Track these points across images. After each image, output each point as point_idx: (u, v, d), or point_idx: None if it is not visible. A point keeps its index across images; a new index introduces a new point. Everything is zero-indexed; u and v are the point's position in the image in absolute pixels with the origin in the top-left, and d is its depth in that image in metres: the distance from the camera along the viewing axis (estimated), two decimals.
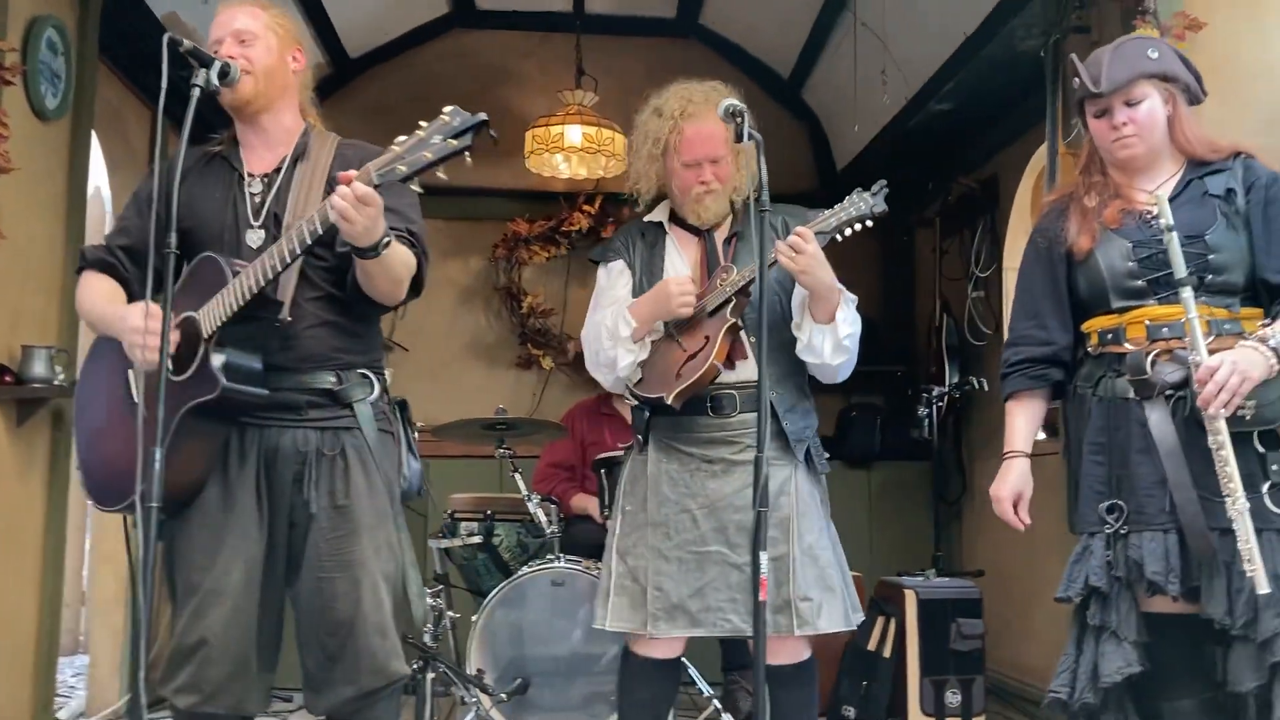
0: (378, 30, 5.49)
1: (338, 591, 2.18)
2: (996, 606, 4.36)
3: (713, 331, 2.47)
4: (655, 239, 2.68)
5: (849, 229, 2.44)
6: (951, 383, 4.87)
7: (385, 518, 2.24)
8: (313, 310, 2.23)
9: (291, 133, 2.33)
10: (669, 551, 2.52)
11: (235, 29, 2.27)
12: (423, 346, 5.64)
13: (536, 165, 5.26)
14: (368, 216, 1.98)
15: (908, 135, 5.02)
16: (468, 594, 4.00)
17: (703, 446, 2.54)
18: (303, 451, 2.21)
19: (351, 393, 2.25)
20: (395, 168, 1.95)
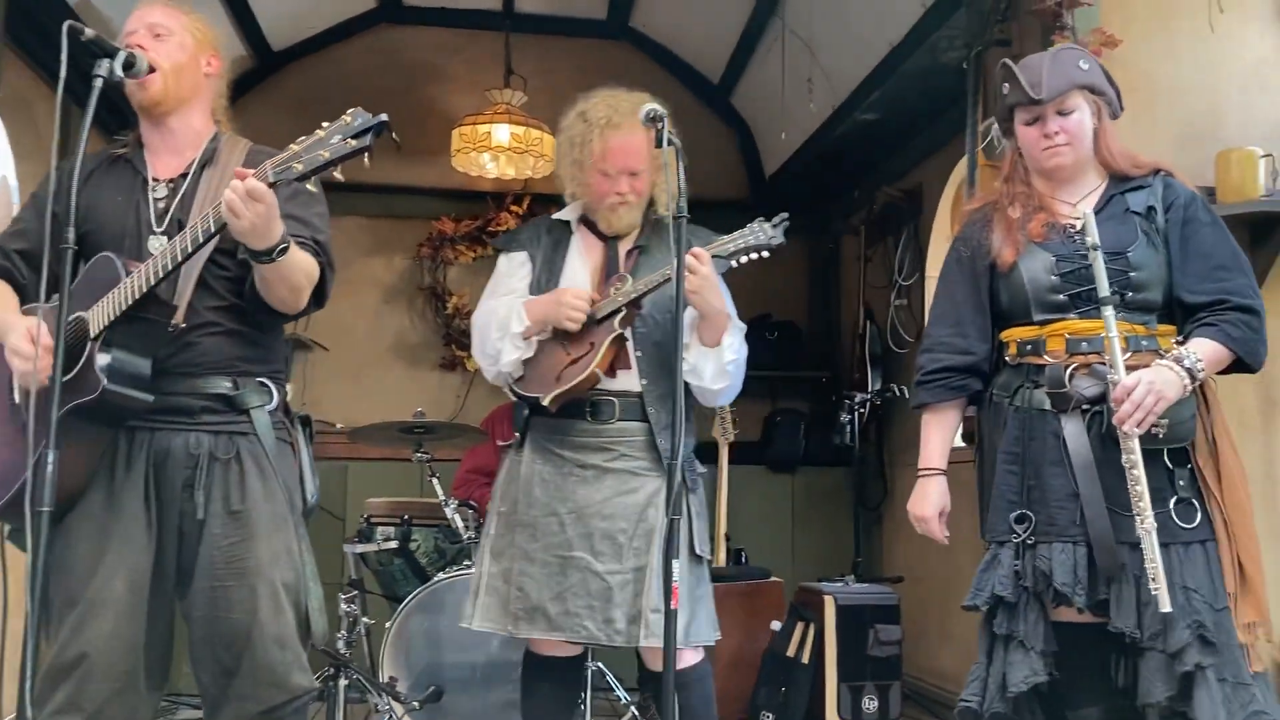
0: (302, 24, 5.39)
1: (233, 600, 2.10)
2: (914, 612, 4.41)
3: (598, 339, 2.48)
4: (561, 237, 2.67)
5: (745, 257, 2.46)
6: (874, 389, 4.92)
7: (284, 524, 2.17)
8: (211, 317, 2.16)
9: (200, 136, 2.27)
10: (534, 553, 2.51)
11: (150, 22, 2.21)
12: (344, 346, 5.55)
13: (463, 164, 5.20)
14: (256, 213, 1.93)
15: (834, 143, 5.05)
16: (384, 600, 3.93)
17: (577, 451, 2.54)
18: (194, 455, 2.13)
19: (248, 399, 2.19)
20: (291, 166, 1.91)
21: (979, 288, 2.28)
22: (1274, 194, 3.08)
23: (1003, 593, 2.12)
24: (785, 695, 3.97)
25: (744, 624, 4.09)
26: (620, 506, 2.48)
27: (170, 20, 2.23)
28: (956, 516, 2.24)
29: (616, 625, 2.44)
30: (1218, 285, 2.11)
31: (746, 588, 4.22)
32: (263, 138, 2.40)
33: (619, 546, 2.46)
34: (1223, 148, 3.13)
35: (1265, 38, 3.32)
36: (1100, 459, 2.06)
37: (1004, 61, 2.28)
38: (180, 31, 2.23)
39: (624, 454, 2.51)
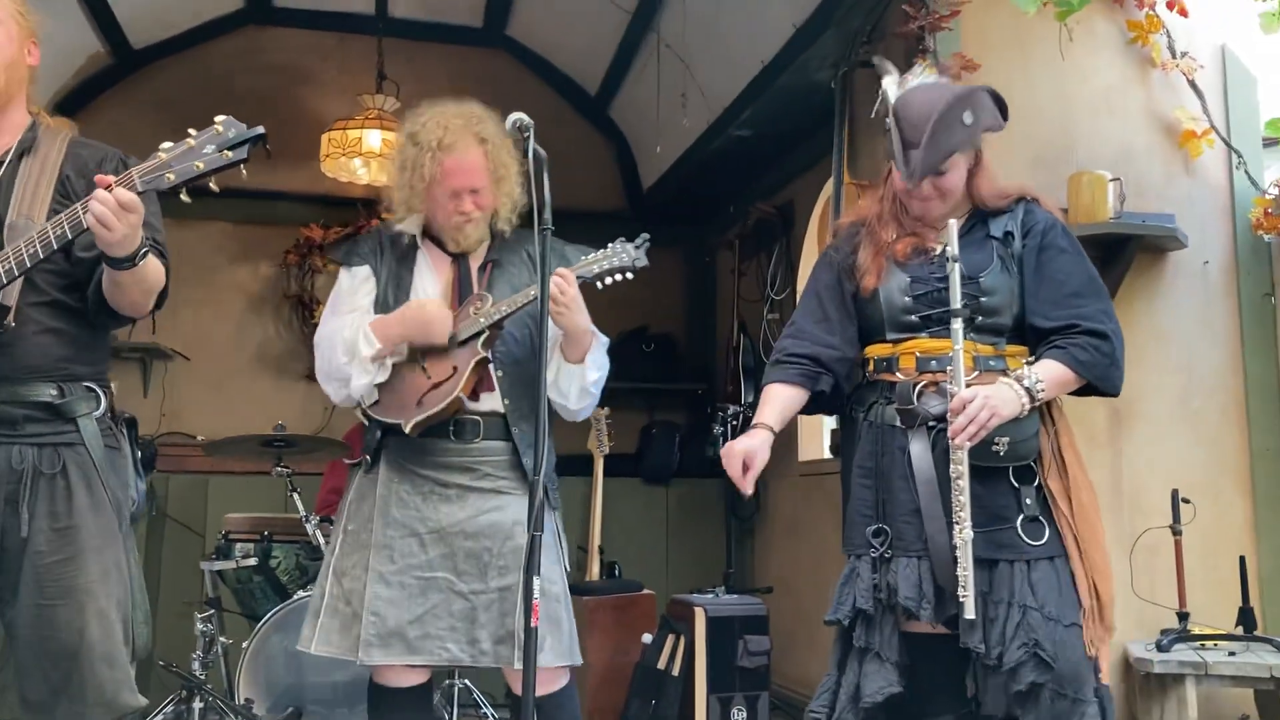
0: (164, 22, 5.20)
1: (59, 620, 2.00)
2: (784, 622, 4.46)
3: (461, 363, 2.41)
4: (406, 253, 2.57)
5: (610, 278, 2.44)
6: (746, 401, 4.96)
7: (113, 539, 2.07)
8: (36, 316, 2.04)
9: (18, 126, 2.15)
10: (390, 576, 2.41)
11: None
12: (206, 355, 5.37)
13: (333, 169, 5.09)
14: (129, 224, 1.87)
15: (710, 158, 5.10)
16: (243, 619, 3.80)
17: (440, 470, 2.46)
18: (18, 470, 2.02)
19: (75, 407, 2.07)
20: (163, 175, 1.84)
21: (845, 298, 2.30)
22: (1122, 216, 3.22)
23: (864, 605, 2.15)
24: (655, 708, 3.96)
25: (616, 637, 4.08)
26: (485, 525, 2.42)
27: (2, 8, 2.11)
28: (823, 528, 2.28)
29: (481, 646, 2.38)
30: (1070, 311, 2.16)
31: (619, 600, 4.21)
32: (122, 138, 2.29)
33: (484, 565, 2.40)
34: (1074, 171, 3.27)
35: (1114, 66, 3.48)
36: (943, 475, 2.10)
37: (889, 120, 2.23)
38: (6, 20, 2.11)
39: (488, 473, 2.45)
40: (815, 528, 4.69)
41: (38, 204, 2.03)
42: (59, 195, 2.07)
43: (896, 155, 2.19)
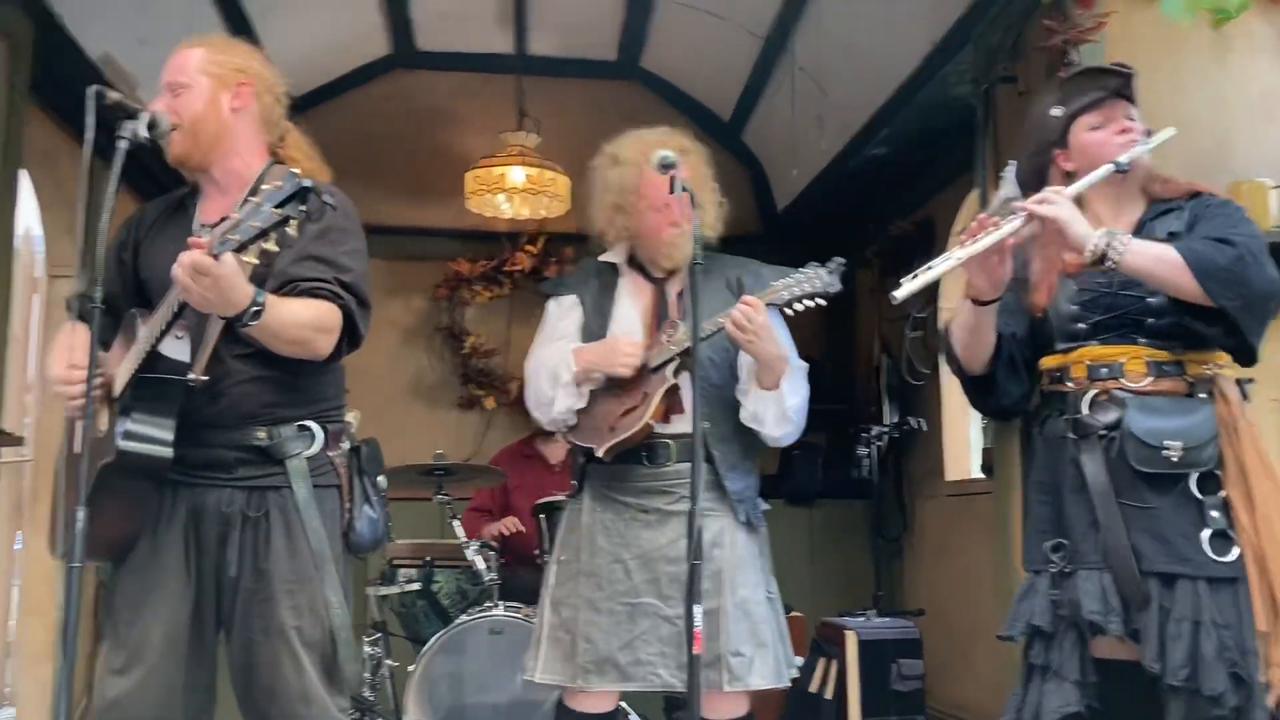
0: (318, 70, 5.47)
1: (259, 658, 2.12)
2: (936, 645, 4.40)
3: (652, 389, 2.45)
4: (609, 280, 2.64)
5: (801, 304, 2.44)
6: (891, 422, 4.93)
7: (307, 581, 2.13)
8: (240, 366, 2.13)
9: (246, 177, 2.21)
10: (600, 603, 2.48)
11: (167, 81, 2.21)
12: (364, 388, 5.50)
13: (478, 205, 5.26)
14: (205, 287, 1.89)
15: (846, 178, 5.10)
16: (407, 642, 3.94)
17: (638, 496, 2.51)
18: (225, 512, 2.13)
19: (285, 448, 2.14)
20: (229, 237, 1.86)
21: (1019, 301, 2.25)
22: None
23: (1039, 622, 2.09)
24: None
25: None
26: (685, 549, 2.45)
27: (184, 71, 2.20)
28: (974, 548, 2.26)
29: None
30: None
31: None
32: None
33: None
34: (1232, 179, 3.15)
35: (1272, 69, 3.35)
36: (1119, 485, 2.04)
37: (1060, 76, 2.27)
38: (195, 78, 2.19)
39: (685, 496, 2.45)
40: (965, 549, 4.62)
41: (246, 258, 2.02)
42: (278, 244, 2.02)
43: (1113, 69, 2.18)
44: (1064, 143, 2.23)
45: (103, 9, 3.97)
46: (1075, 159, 2.21)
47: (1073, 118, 2.21)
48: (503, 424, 5.77)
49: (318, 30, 5.07)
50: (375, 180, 5.53)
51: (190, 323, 2.05)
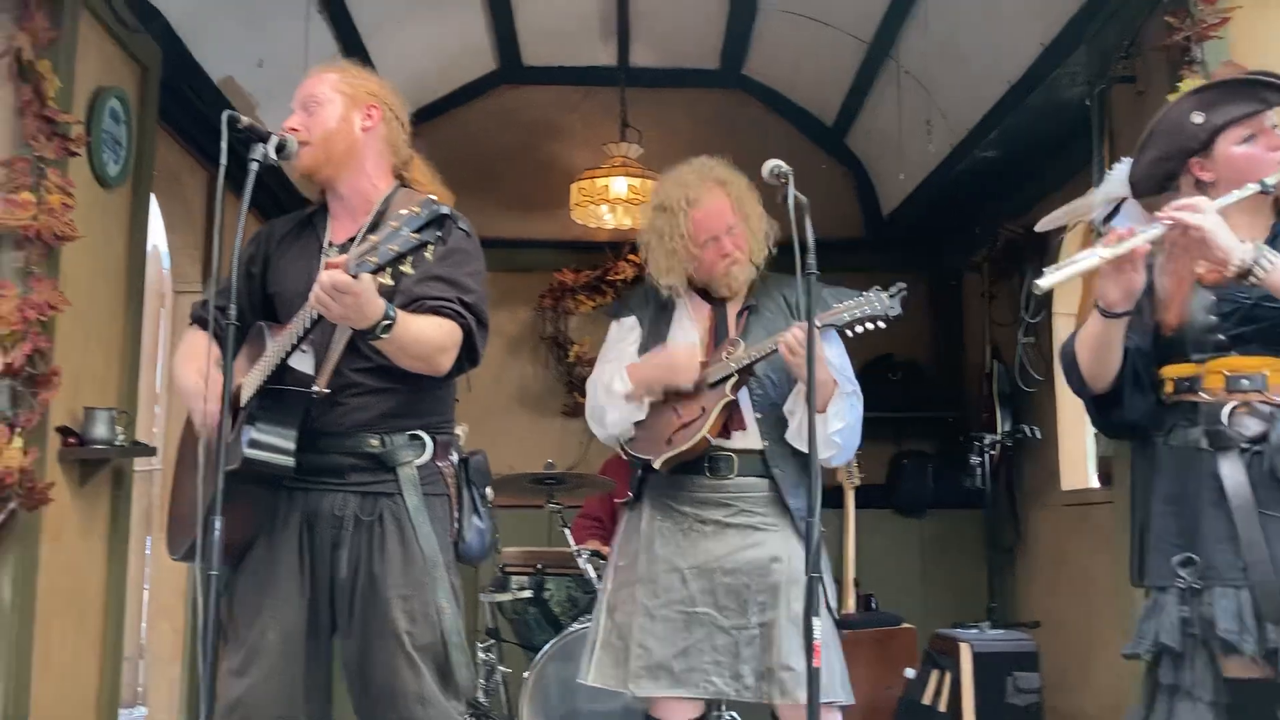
0: (426, 88, 5.60)
1: (376, 660, 2.17)
2: (1053, 658, 4.30)
3: (709, 404, 2.48)
4: (668, 301, 2.69)
5: (860, 327, 2.45)
6: (1004, 430, 4.83)
7: (420, 587, 2.18)
8: (359, 380, 2.20)
9: (372, 197, 2.29)
10: (655, 610, 2.50)
11: (304, 96, 2.28)
12: (471, 396, 5.62)
13: (581, 217, 5.32)
14: (345, 305, 1.97)
15: (953, 181, 5.02)
16: (519, 648, 4.00)
17: (697, 506, 2.54)
18: (339, 516, 2.19)
19: (396, 455, 2.20)
20: (366, 259, 1.94)
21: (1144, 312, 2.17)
22: None
23: (1169, 641, 2.02)
24: None
25: (876, 671, 4.04)
26: (743, 562, 2.46)
27: (320, 88, 2.28)
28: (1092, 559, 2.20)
29: (745, 681, 2.42)
30: None
31: (878, 634, 4.17)
32: None
33: (744, 602, 2.45)
34: None
35: None
36: (1262, 500, 1.97)
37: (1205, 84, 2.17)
38: (330, 96, 2.26)
39: (744, 509, 2.50)
40: (1082, 560, 4.50)
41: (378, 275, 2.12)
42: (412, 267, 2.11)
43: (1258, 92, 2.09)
44: (1205, 152, 2.13)
45: (224, 34, 4.13)
46: (1217, 170, 2.12)
47: (1220, 128, 2.11)
48: None
49: (427, 49, 5.19)
50: (483, 194, 5.62)
51: (315, 338, 2.13)
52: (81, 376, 3.34)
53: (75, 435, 3.27)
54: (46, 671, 3.17)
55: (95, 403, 3.36)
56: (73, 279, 3.19)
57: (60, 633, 3.27)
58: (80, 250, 3.22)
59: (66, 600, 3.31)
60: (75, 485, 3.35)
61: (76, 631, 3.40)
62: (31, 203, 3.02)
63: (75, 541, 3.36)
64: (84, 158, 3.29)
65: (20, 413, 2.97)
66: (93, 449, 3.29)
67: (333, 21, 4.51)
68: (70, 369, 3.19)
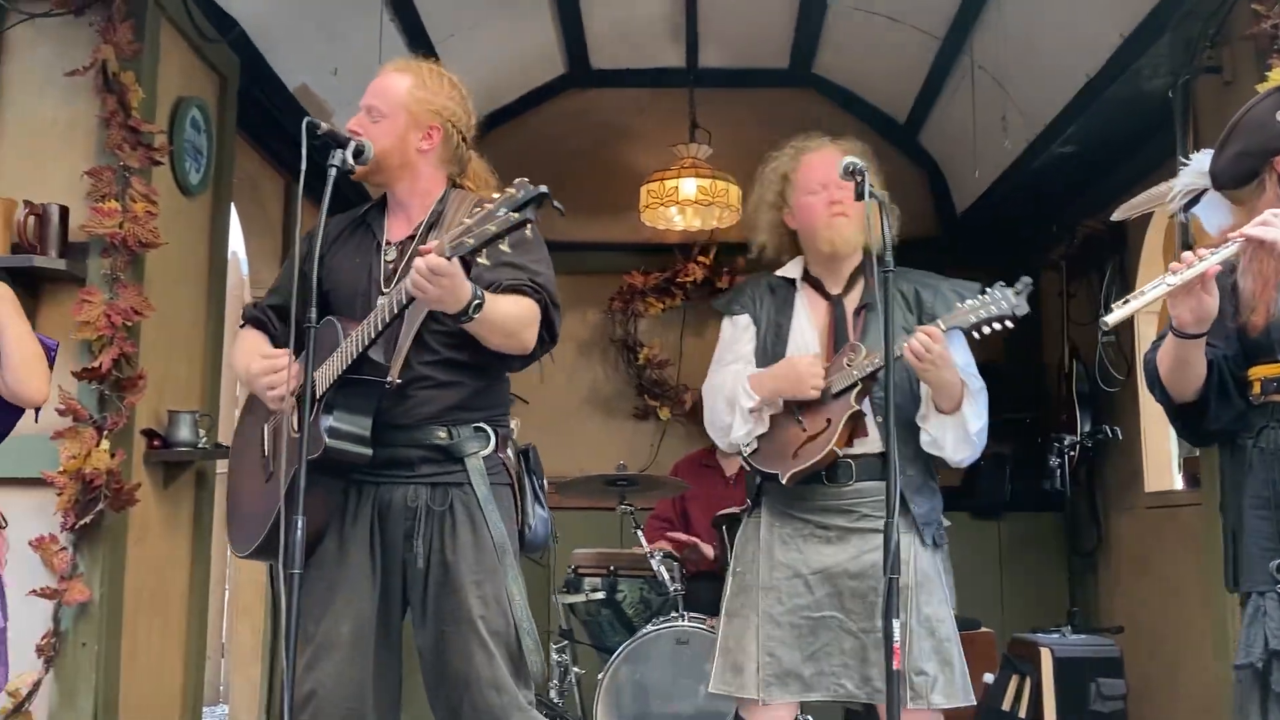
0: (496, 94, 5.64)
1: (451, 647, 2.21)
2: (1139, 665, 4.19)
3: (835, 415, 2.41)
4: (785, 296, 2.61)
5: (987, 328, 2.35)
6: (1084, 431, 4.73)
7: (492, 573, 2.23)
8: (427, 372, 2.26)
9: (428, 199, 2.36)
10: (781, 617, 2.46)
11: (368, 103, 2.34)
12: (542, 399, 5.70)
13: (651, 219, 5.32)
14: (441, 287, 2.03)
15: (1030, 178, 4.93)
16: (592, 649, 4.01)
17: (818, 514, 2.49)
18: (412, 507, 2.24)
19: (464, 447, 2.26)
20: (464, 241, 2.00)
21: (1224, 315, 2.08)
22: None
23: (1278, 646, 1.95)
24: None
25: None
26: (867, 565, 2.41)
27: (386, 98, 2.33)
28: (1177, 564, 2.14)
29: (875, 684, 2.38)
30: None
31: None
32: None
33: (869, 605, 2.40)
34: None
35: None
36: None
37: None
38: (394, 111, 2.32)
39: (866, 514, 2.44)
40: (1167, 564, 4.39)
41: None
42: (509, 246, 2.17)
43: None
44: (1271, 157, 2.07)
45: (299, 42, 4.20)
46: None
47: None
48: (678, 434, 5.81)
49: (497, 54, 5.23)
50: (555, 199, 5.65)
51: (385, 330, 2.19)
52: (165, 380, 3.42)
53: (160, 438, 3.35)
54: (134, 669, 3.24)
55: (179, 406, 3.44)
56: (157, 285, 3.27)
57: (146, 631, 3.35)
58: (164, 257, 3.30)
59: (152, 599, 3.39)
60: (160, 487, 3.43)
61: (162, 630, 3.48)
62: (117, 211, 3.10)
63: (160, 542, 3.44)
64: (167, 166, 3.37)
65: (107, 416, 3.05)
66: (176, 451, 3.37)
67: (405, 28, 4.56)
68: (155, 373, 3.26)
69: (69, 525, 2.99)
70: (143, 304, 3.13)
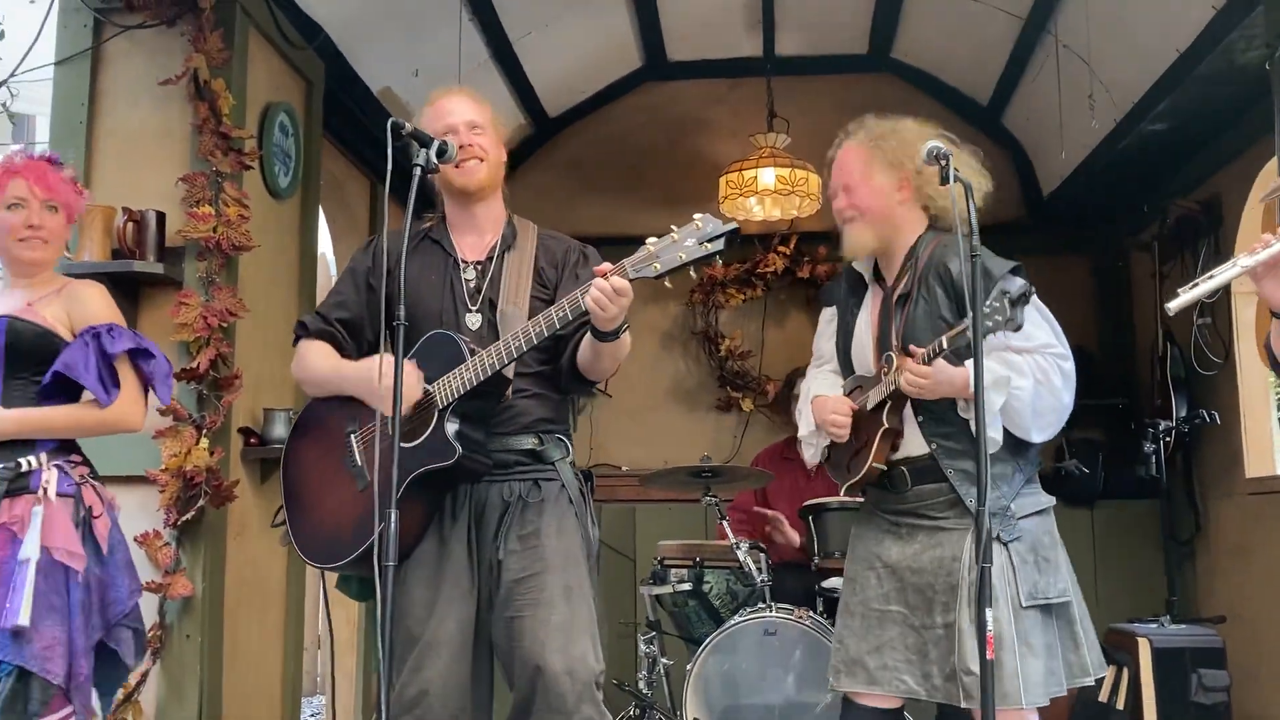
0: (574, 89, 5.68)
1: (525, 630, 2.25)
2: (1240, 656, 4.07)
3: (872, 432, 2.46)
4: (858, 290, 2.61)
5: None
6: (1179, 416, 4.60)
7: (575, 562, 2.34)
8: (522, 385, 2.38)
9: (497, 221, 2.50)
10: (854, 607, 2.51)
11: (468, 119, 2.44)
12: (625, 392, 5.75)
13: (731, 210, 5.29)
14: (620, 306, 2.16)
15: (1118, 157, 4.80)
16: (679, 640, 4.02)
17: (891, 515, 2.52)
18: (507, 501, 2.35)
19: (551, 453, 2.41)
20: (651, 265, 2.12)
21: None
22: None
23: None
24: None
25: None
26: (928, 561, 2.41)
27: (481, 116, 2.47)
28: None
29: (934, 681, 2.37)
30: None
31: None
32: (542, 198, 2.61)
33: (929, 601, 2.39)
34: None
35: None
36: None
37: None
38: (490, 126, 2.47)
39: (928, 514, 2.44)
40: (1271, 552, 4.25)
41: (521, 293, 2.38)
42: (537, 284, 2.40)
43: None
44: None
45: (381, 46, 4.27)
46: None
47: None
48: (760, 425, 5.79)
49: (573, 50, 5.26)
50: (631, 191, 5.68)
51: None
52: (260, 379, 3.52)
53: (256, 435, 3.44)
54: (235, 660, 3.34)
55: (273, 404, 3.53)
56: (249, 287, 3.36)
57: (246, 624, 3.45)
58: (256, 259, 3.39)
59: (251, 593, 3.49)
60: (256, 483, 3.53)
61: (260, 622, 3.58)
62: (211, 215, 3.19)
63: (257, 536, 3.53)
64: (257, 171, 3.46)
65: (206, 415, 3.15)
66: (272, 448, 3.46)
67: (483, 28, 4.61)
68: (249, 372, 3.36)
69: (171, 521, 3.09)
70: (237, 305, 3.22)
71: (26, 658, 2.29)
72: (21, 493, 2.40)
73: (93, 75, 3.34)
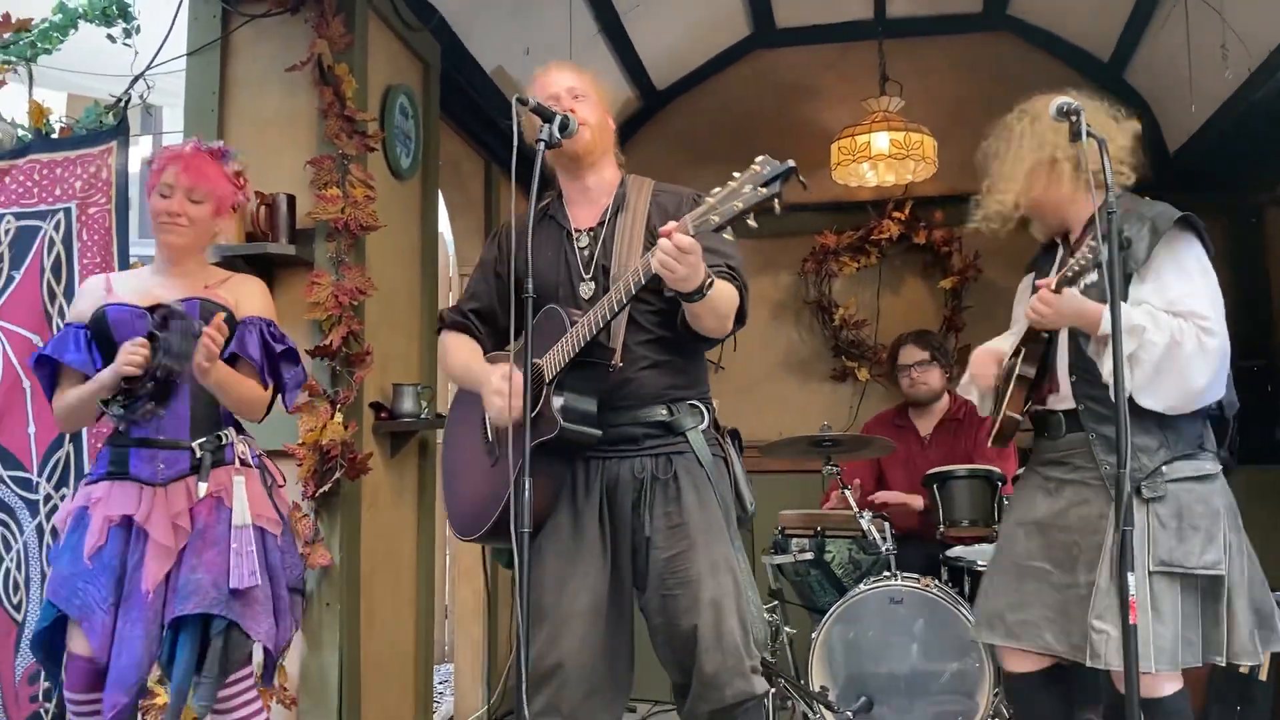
0: (682, 61, 5.66)
1: (679, 609, 2.27)
2: None
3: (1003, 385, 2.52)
4: (1050, 252, 2.68)
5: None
6: None
7: (719, 536, 2.32)
8: (642, 352, 2.37)
9: (610, 185, 2.49)
10: (1002, 562, 2.54)
11: (569, 86, 2.45)
12: (738, 364, 5.73)
13: (843, 176, 5.23)
14: (688, 265, 2.08)
15: (1251, 110, 4.59)
16: (801, 610, 4.02)
17: (1045, 466, 2.52)
18: (639, 478, 2.34)
19: (683, 422, 2.38)
20: (709, 218, 2.04)
21: None
22: None
23: None
24: (1241, 714, 3.63)
25: None
26: (1075, 519, 2.41)
27: (582, 82, 2.46)
28: None
29: (1073, 639, 2.35)
30: None
31: None
32: (652, 172, 2.59)
33: (1073, 559, 2.39)
34: None
35: None
36: None
37: None
38: (592, 92, 2.46)
39: (1078, 465, 2.45)
40: None
41: (633, 256, 2.34)
42: (650, 243, 2.31)
43: None
44: None
45: (493, 25, 4.32)
46: None
47: None
48: (877, 393, 5.73)
49: (682, 21, 5.24)
50: (741, 160, 5.57)
51: None
52: (389, 355, 3.61)
53: (386, 410, 3.54)
54: (371, 628, 3.46)
55: (401, 379, 3.62)
56: (376, 265, 3.45)
57: (380, 592, 3.57)
58: (381, 239, 3.47)
59: (384, 562, 3.60)
60: (387, 456, 3.63)
61: (394, 591, 3.69)
62: (339, 197, 3.28)
63: (389, 508, 3.64)
64: (380, 152, 3.54)
65: (339, 390, 3.25)
66: (402, 422, 3.56)
67: (591, 3, 4.63)
68: (378, 349, 3.45)
69: (310, 493, 3.20)
70: (366, 283, 3.31)
71: (242, 615, 2.50)
72: (219, 464, 2.61)
73: (222, 64, 3.45)
